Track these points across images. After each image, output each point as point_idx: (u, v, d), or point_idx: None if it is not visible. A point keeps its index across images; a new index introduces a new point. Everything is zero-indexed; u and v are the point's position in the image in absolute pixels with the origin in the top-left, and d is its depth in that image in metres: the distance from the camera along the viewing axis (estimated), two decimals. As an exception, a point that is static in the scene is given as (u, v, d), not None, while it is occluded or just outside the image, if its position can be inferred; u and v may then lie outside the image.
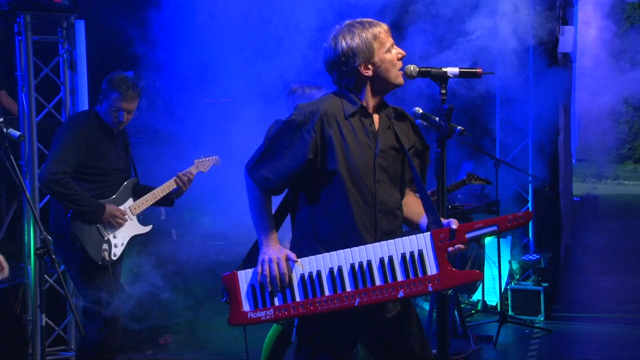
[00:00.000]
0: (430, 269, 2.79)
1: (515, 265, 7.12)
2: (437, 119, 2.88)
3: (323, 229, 2.94)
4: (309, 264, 2.86)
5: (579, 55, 13.26)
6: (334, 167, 2.89)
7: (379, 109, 3.04)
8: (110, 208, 4.39)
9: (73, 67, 5.56)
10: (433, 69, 2.90)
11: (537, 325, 6.44)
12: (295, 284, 2.85)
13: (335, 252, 2.85)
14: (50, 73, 5.53)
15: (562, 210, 7.94)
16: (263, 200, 2.94)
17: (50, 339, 5.45)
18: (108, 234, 4.42)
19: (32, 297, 5.31)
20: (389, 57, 2.95)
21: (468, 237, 2.81)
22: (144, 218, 4.68)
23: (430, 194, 3.11)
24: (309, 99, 3.62)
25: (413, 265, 2.80)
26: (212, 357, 5.73)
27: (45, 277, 5.00)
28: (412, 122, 3.12)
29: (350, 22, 3.00)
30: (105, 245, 4.40)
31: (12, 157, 3.65)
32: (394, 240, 2.85)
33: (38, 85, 5.42)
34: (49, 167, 4.24)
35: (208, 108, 6.32)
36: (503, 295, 6.63)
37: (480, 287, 6.94)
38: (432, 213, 2.89)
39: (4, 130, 3.61)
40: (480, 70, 2.91)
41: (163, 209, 6.12)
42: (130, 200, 4.58)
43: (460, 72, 2.89)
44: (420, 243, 2.83)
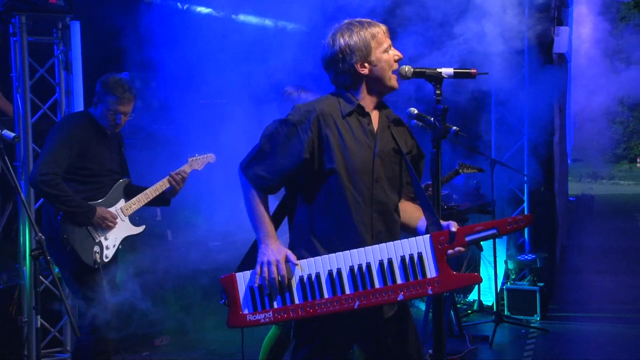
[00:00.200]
0: (430, 272, 2.78)
1: (511, 265, 7.12)
2: (432, 120, 2.88)
3: (321, 229, 2.93)
4: (308, 266, 2.85)
5: (574, 56, 13.29)
6: (332, 166, 2.89)
7: (378, 110, 3.04)
8: (101, 210, 4.37)
9: (68, 68, 5.55)
10: (427, 70, 2.90)
11: (533, 325, 6.45)
12: (295, 287, 2.84)
13: (335, 254, 2.84)
14: (46, 74, 5.52)
15: (557, 210, 7.96)
16: (258, 199, 2.92)
17: (46, 341, 5.44)
18: (99, 236, 4.39)
19: (27, 298, 5.30)
20: (386, 57, 2.96)
21: (468, 240, 2.81)
22: (139, 219, 4.66)
23: (425, 188, 3.11)
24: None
25: (412, 268, 2.79)
26: (208, 357, 5.73)
27: (41, 278, 5.02)
28: (408, 129, 3.12)
29: (349, 21, 3.01)
30: (97, 248, 4.37)
31: (7, 158, 3.64)
32: (394, 243, 2.84)
33: (33, 86, 5.41)
34: (40, 167, 4.21)
35: (202, 109, 6.31)
36: (499, 295, 6.63)
37: (477, 287, 6.94)
38: (431, 215, 2.88)
39: (-1, 132, 3.61)
40: (475, 71, 2.91)
41: (159, 210, 6.11)
42: (122, 201, 4.55)
43: (455, 72, 2.89)
44: (420, 246, 2.82)
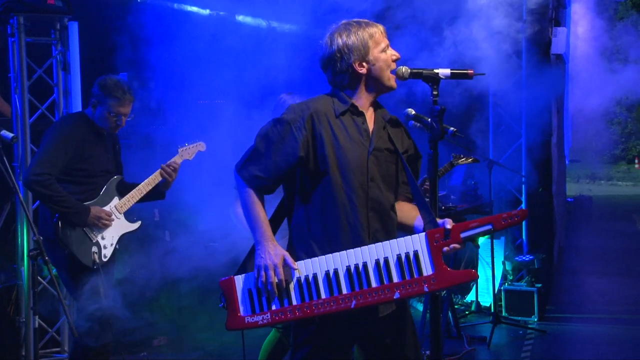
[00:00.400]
0: (426, 270, 2.79)
1: (509, 266, 7.13)
2: (429, 120, 2.89)
3: (318, 229, 2.94)
4: (305, 267, 2.86)
5: (572, 56, 13.31)
6: (326, 165, 2.90)
7: (374, 110, 3.05)
8: (95, 210, 4.35)
9: (66, 68, 5.56)
10: (425, 70, 2.90)
11: (530, 326, 6.46)
12: (292, 288, 2.85)
13: (331, 254, 2.85)
14: (44, 74, 5.52)
15: (555, 211, 7.97)
16: (254, 199, 2.93)
17: (44, 341, 5.44)
18: (96, 236, 4.39)
19: (25, 299, 5.30)
20: (384, 56, 2.97)
21: (463, 236, 2.81)
22: (136, 218, 4.65)
23: (422, 183, 3.11)
24: None
25: (409, 266, 2.80)
26: (206, 358, 5.73)
27: (39, 278, 5.02)
28: (405, 129, 3.13)
29: (347, 21, 3.02)
30: (95, 248, 4.36)
31: (5, 158, 3.65)
32: (389, 242, 2.85)
33: (31, 87, 5.41)
34: (34, 167, 4.20)
35: (200, 109, 6.31)
36: (497, 296, 6.64)
37: (474, 288, 6.95)
38: (427, 213, 2.89)
39: (-3, 132, 3.62)
40: (472, 72, 2.91)
41: (157, 211, 6.11)
42: (116, 199, 4.52)
43: (452, 73, 2.90)
44: (416, 243, 2.83)
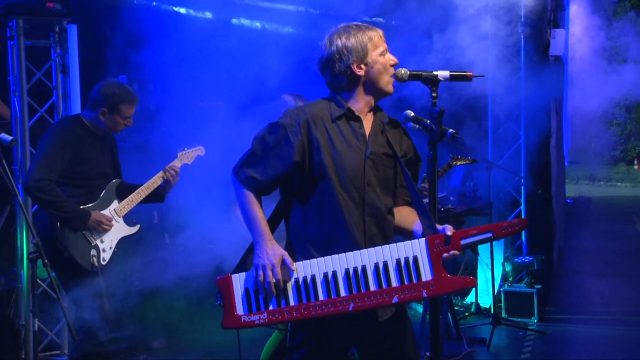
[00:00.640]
0: (425, 275, 2.80)
1: (509, 268, 7.13)
2: (428, 122, 2.89)
3: (315, 233, 2.95)
4: (304, 269, 2.86)
5: (571, 58, 13.32)
6: (322, 169, 2.91)
7: (372, 114, 3.05)
8: (96, 214, 4.36)
9: (65, 71, 5.56)
10: (424, 72, 2.91)
11: (530, 328, 6.45)
12: (290, 289, 2.85)
13: (330, 256, 2.85)
14: (43, 77, 5.53)
15: (555, 213, 7.97)
16: (252, 199, 2.95)
17: (43, 344, 5.44)
18: (95, 240, 4.39)
19: (24, 301, 5.30)
20: (382, 60, 2.98)
21: (463, 243, 2.82)
22: (135, 221, 4.65)
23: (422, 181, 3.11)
24: None
25: (408, 271, 2.80)
26: (206, 360, 5.74)
27: (38, 281, 5.02)
28: (404, 131, 3.14)
29: (346, 24, 3.04)
30: (94, 251, 4.37)
31: (4, 161, 3.64)
32: (389, 246, 2.85)
33: (30, 90, 5.42)
34: (33, 173, 4.20)
35: (201, 111, 6.32)
36: (496, 298, 6.64)
37: (474, 289, 6.95)
38: (426, 219, 2.89)
39: (-4, 135, 3.62)
40: (471, 74, 2.93)
41: (156, 213, 6.11)
42: (115, 202, 4.54)
43: (451, 75, 2.91)
44: (415, 249, 2.83)
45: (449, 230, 2.82)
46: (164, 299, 5.93)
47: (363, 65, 2.97)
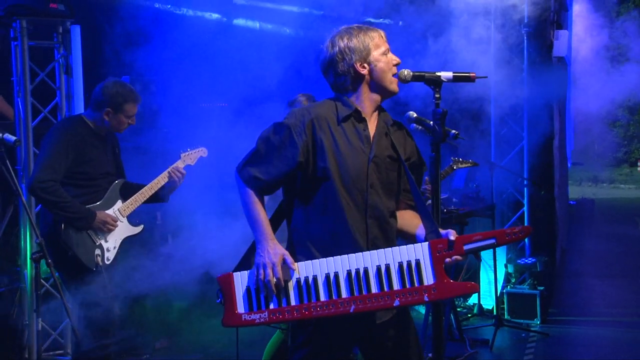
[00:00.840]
0: (427, 279, 2.79)
1: (511, 269, 7.12)
2: (431, 123, 2.89)
3: (316, 234, 2.95)
4: (306, 269, 2.86)
5: (574, 59, 13.30)
6: (326, 171, 2.91)
7: (376, 115, 3.05)
8: (101, 214, 4.37)
9: (69, 72, 5.57)
10: (427, 74, 2.91)
11: (533, 329, 6.44)
12: (291, 288, 2.85)
13: (332, 257, 2.85)
14: (46, 78, 5.54)
15: (557, 214, 7.97)
16: (254, 198, 2.95)
17: (47, 344, 5.45)
18: (99, 239, 4.40)
19: (28, 301, 5.31)
20: (385, 59, 2.99)
21: (466, 249, 2.82)
22: (139, 221, 4.66)
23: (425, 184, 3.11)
24: None
25: (410, 275, 2.80)
26: (208, 360, 5.74)
27: (42, 281, 5.03)
28: (409, 133, 3.13)
29: (348, 26, 3.05)
30: (98, 251, 4.37)
31: (8, 162, 3.66)
32: (392, 249, 2.85)
33: (34, 90, 5.43)
34: (38, 174, 4.20)
35: (204, 112, 6.32)
36: (499, 299, 6.64)
37: (476, 290, 6.94)
38: (430, 223, 2.89)
39: (0, 135, 3.63)
40: (474, 75, 2.92)
41: (159, 214, 6.12)
42: (119, 202, 4.54)
43: (454, 76, 2.90)
44: (418, 253, 2.83)
45: (452, 235, 2.82)
46: (167, 299, 5.93)
47: (366, 64, 2.97)
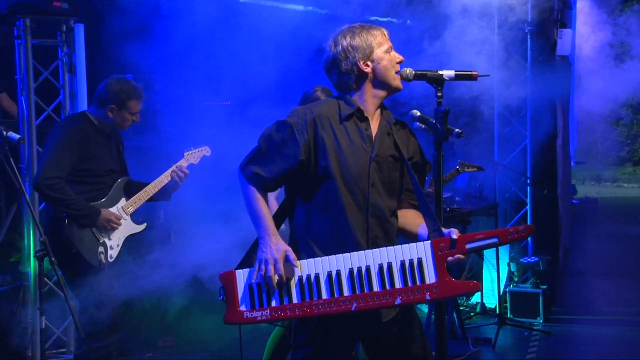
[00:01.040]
0: (429, 278, 2.79)
1: (514, 268, 7.12)
2: (434, 122, 2.89)
3: (318, 232, 2.96)
4: (308, 267, 2.86)
5: (578, 57, 13.28)
6: (327, 169, 2.92)
7: (379, 114, 3.06)
8: (105, 212, 4.37)
9: (72, 70, 5.58)
10: (429, 72, 2.91)
11: (535, 328, 6.45)
12: (293, 286, 2.85)
13: (335, 256, 2.85)
14: (50, 76, 5.55)
15: (560, 213, 7.95)
16: (257, 195, 2.96)
17: (50, 342, 5.46)
18: (103, 237, 4.40)
19: (31, 299, 5.33)
20: (388, 57, 3.00)
21: (468, 247, 2.81)
22: (142, 219, 4.67)
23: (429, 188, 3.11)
24: None
25: (412, 273, 2.80)
26: (211, 359, 5.74)
27: (45, 279, 5.04)
28: (412, 133, 3.14)
29: (350, 25, 3.06)
30: (101, 248, 4.38)
31: (11, 160, 3.66)
32: (394, 247, 2.85)
33: (37, 89, 5.44)
34: (43, 172, 4.21)
35: (207, 111, 6.32)
36: (502, 298, 6.64)
37: (479, 289, 6.95)
38: (432, 222, 2.89)
39: (4, 134, 3.63)
40: (476, 73, 2.92)
41: (162, 212, 6.13)
42: (123, 200, 4.55)
43: (456, 74, 2.90)
44: (420, 251, 2.83)
45: (455, 234, 2.82)
46: (170, 297, 5.94)
47: (369, 62, 2.98)
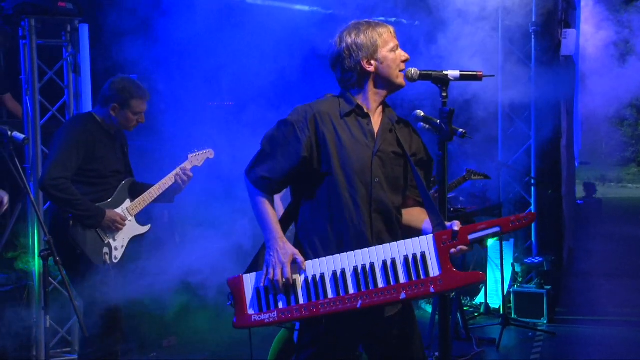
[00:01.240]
0: (433, 271, 2.80)
1: (518, 268, 7.11)
2: (438, 122, 2.89)
3: (322, 230, 2.97)
4: (313, 267, 2.88)
5: (582, 58, 13.25)
6: (329, 165, 2.94)
7: (381, 111, 3.06)
8: (111, 213, 4.38)
9: (77, 70, 5.59)
10: (434, 72, 2.91)
11: (540, 328, 6.44)
12: (300, 287, 2.87)
13: (339, 255, 2.87)
14: (54, 76, 5.56)
15: (564, 213, 7.95)
16: (263, 199, 2.97)
17: (54, 341, 5.47)
18: (108, 238, 4.41)
19: (36, 299, 5.34)
20: (392, 56, 3.00)
21: (471, 238, 2.81)
22: (146, 219, 4.67)
23: (432, 194, 3.11)
24: None
25: (415, 267, 2.81)
26: (215, 359, 5.75)
27: (50, 279, 5.04)
28: (415, 131, 3.14)
29: (357, 21, 3.06)
30: (106, 249, 4.39)
31: (16, 160, 3.67)
32: (397, 243, 2.86)
33: (42, 89, 5.46)
34: (49, 172, 4.21)
35: (211, 111, 6.33)
36: (506, 298, 6.63)
37: (483, 290, 6.94)
38: (435, 216, 2.90)
39: (9, 133, 3.64)
40: (481, 73, 2.92)
41: (167, 213, 6.14)
42: (128, 201, 4.56)
43: (461, 75, 2.90)
44: (423, 245, 2.84)
45: (457, 226, 2.82)
46: (175, 298, 5.94)
47: (373, 61, 2.99)
